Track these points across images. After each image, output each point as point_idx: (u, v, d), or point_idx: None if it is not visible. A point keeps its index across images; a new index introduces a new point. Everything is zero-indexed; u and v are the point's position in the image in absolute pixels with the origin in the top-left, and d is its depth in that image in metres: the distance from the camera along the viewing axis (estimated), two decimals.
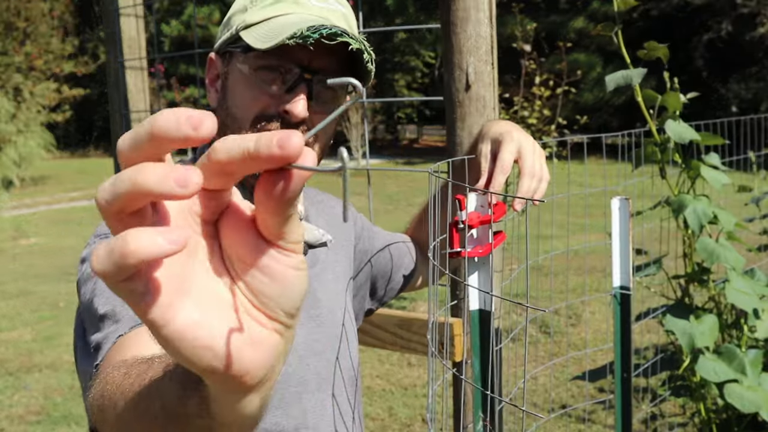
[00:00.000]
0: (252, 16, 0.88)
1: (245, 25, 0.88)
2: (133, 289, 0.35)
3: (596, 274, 5.59)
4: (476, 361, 0.92)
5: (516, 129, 1.00)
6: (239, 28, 0.88)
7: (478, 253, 0.89)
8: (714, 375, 1.48)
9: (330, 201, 1.16)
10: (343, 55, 0.86)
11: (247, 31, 0.87)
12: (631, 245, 1.03)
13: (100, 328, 0.77)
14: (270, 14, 0.88)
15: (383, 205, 9.80)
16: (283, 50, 0.84)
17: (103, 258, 0.34)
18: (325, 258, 1.03)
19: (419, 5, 16.47)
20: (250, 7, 0.89)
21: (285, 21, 0.86)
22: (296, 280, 0.41)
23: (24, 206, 12.23)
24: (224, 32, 0.93)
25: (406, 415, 3.52)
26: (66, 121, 18.57)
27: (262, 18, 0.88)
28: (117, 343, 0.72)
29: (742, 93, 14.36)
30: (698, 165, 1.62)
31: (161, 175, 0.34)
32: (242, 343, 0.39)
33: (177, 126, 0.34)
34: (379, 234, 1.21)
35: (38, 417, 3.72)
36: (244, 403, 0.42)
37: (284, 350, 0.43)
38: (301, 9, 0.89)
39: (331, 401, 0.98)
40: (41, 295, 6.10)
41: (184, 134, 0.34)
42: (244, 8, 0.90)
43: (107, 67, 2.09)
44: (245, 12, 0.89)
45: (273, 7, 0.89)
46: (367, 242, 1.16)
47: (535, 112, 5.35)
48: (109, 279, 0.35)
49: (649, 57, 1.59)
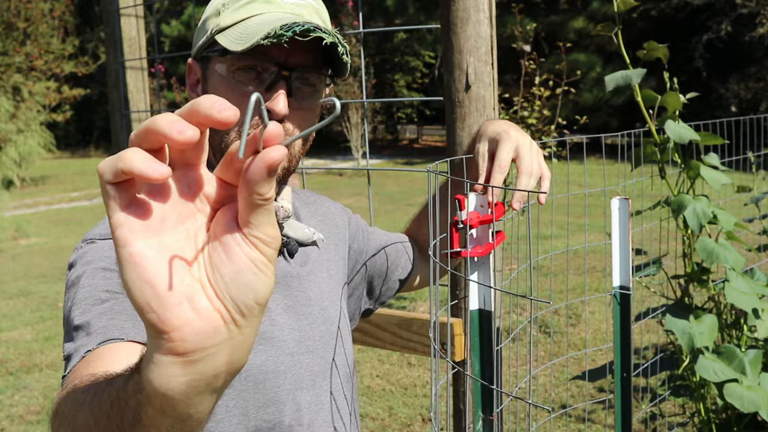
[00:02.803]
0: (225, 20, 0.89)
1: (219, 29, 0.89)
2: (118, 196, 0.42)
3: (596, 274, 5.60)
4: (476, 361, 0.92)
5: (513, 128, 1.00)
6: (214, 32, 0.89)
7: (479, 252, 0.90)
8: (714, 375, 1.48)
9: (325, 202, 1.16)
10: (319, 49, 0.88)
11: (222, 34, 0.89)
12: (631, 245, 1.03)
13: (74, 338, 0.77)
14: (243, 16, 0.89)
15: (383, 205, 9.80)
16: (259, 50, 0.85)
17: (106, 161, 0.43)
18: (317, 257, 1.04)
19: (419, 5, 16.47)
20: (222, 11, 0.90)
21: (259, 21, 0.87)
22: (251, 273, 0.44)
23: (24, 206, 12.23)
24: (200, 37, 0.94)
25: (406, 415, 3.53)
26: (66, 121, 18.57)
27: (235, 20, 0.89)
28: (85, 358, 0.72)
29: (741, 93, 14.36)
30: (698, 165, 1.62)
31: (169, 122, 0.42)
32: (182, 299, 0.43)
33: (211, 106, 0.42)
34: (376, 234, 1.21)
35: (38, 417, 3.72)
36: (171, 374, 0.43)
37: (226, 343, 0.44)
38: (273, 8, 0.90)
39: (328, 398, 0.98)
40: (41, 295, 6.10)
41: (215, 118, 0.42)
42: (217, 12, 0.91)
43: (107, 67, 2.09)
44: (218, 16, 0.90)
45: (245, 9, 0.90)
46: (362, 242, 1.16)
47: (534, 112, 5.35)
48: (101, 177, 0.42)
49: (649, 57, 1.59)
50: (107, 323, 0.76)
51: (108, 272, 0.82)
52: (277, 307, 0.94)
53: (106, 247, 0.85)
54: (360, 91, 13.29)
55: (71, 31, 18.12)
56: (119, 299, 0.80)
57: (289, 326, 0.94)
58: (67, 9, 17.57)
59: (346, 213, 1.18)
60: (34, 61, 15.88)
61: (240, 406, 0.88)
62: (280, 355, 0.91)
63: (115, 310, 0.78)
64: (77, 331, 0.77)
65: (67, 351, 0.77)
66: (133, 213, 0.43)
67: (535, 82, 5.39)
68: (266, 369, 0.89)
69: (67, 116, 17.63)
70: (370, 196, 1.59)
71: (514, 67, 6.77)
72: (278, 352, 0.91)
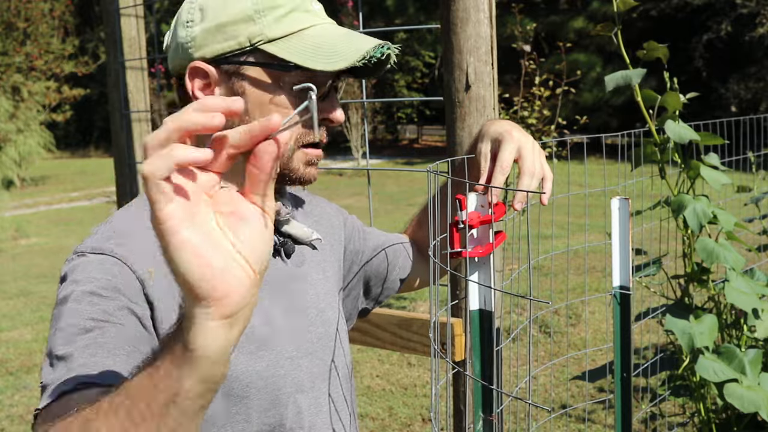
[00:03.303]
0: (271, 30, 0.86)
1: (267, 39, 0.86)
2: (165, 190, 0.49)
3: (596, 274, 5.60)
4: (476, 361, 0.92)
5: (516, 128, 1.00)
6: (257, 41, 0.86)
7: (479, 253, 0.90)
8: (714, 375, 1.48)
9: (320, 203, 1.16)
10: None
11: (275, 45, 0.86)
12: (631, 245, 1.03)
13: (53, 367, 0.75)
14: (295, 27, 0.87)
15: (383, 205, 9.80)
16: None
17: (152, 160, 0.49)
18: (313, 258, 1.03)
19: (419, 5, 16.47)
20: (258, 18, 0.86)
21: (321, 35, 0.87)
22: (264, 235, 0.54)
23: (24, 206, 12.23)
24: (217, 39, 0.87)
25: (406, 415, 3.53)
26: (66, 121, 18.57)
27: (286, 32, 0.86)
28: (62, 402, 0.70)
29: (741, 93, 14.36)
30: (698, 165, 1.62)
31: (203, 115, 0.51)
32: (227, 267, 0.51)
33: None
34: (373, 234, 1.20)
35: None
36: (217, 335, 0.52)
37: (252, 301, 0.54)
38: (314, 17, 0.89)
39: (327, 399, 0.98)
40: (41, 295, 6.10)
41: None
42: (248, 18, 0.86)
43: (107, 67, 2.09)
44: (254, 23, 0.86)
45: (291, 18, 0.87)
46: (358, 243, 1.16)
47: (534, 112, 5.35)
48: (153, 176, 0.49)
49: (649, 57, 1.59)
50: (88, 360, 0.74)
51: (95, 297, 0.79)
52: (276, 310, 0.93)
53: (96, 263, 0.82)
54: (360, 91, 13.29)
55: (71, 31, 18.13)
56: (104, 329, 0.77)
57: (287, 329, 0.93)
58: (67, 9, 17.57)
59: (341, 214, 1.18)
60: (34, 61, 15.89)
61: (243, 412, 0.87)
62: (280, 360, 0.91)
63: (99, 343, 0.76)
64: (59, 360, 0.75)
65: (45, 379, 0.75)
66: (178, 203, 0.50)
67: (535, 82, 5.39)
68: (267, 374, 0.89)
69: (67, 116, 17.64)
70: (370, 196, 1.59)
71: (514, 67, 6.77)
72: (278, 356, 0.91)
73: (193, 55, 0.89)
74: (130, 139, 2.06)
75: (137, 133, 2.07)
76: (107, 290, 0.79)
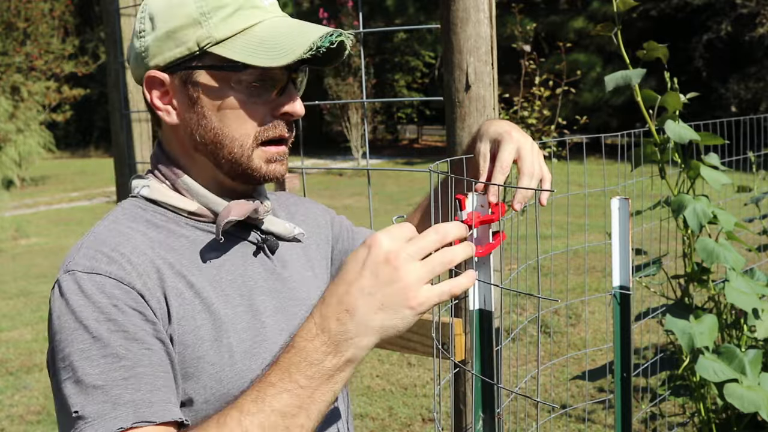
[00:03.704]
0: (218, 31, 0.85)
1: (215, 41, 0.85)
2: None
3: (596, 273, 5.60)
4: (477, 361, 0.92)
5: (515, 129, 1.00)
6: (205, 45, 0.85)
7: (479, 253, 0.89)
8: (714, 375, 1.48)
9: (305, 203, 1.15)
10: None
11: (222, 46, 0.85)
12: (631, 245, 1.04)
13: (89, 396, 0.74)
14: (242, 25, 0.86)
15: (383, 205, 9.80)
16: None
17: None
18: (300, 256, 1.02)
19: (419, 5, 16.47)
20: (204, 21, 0.85)
21: (269, 30, 0.86)
22: None
23: (24, 206, 12.24)
24: (167, 47, 0.87)
25: (406, 415, 3.53)
26: (66, 121, 18.57)
27: (234, 31, 0.85)
28: None
29: (741, 93, 14.36)
30: (698, 165, 1.62)
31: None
32: None
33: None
34: (362, 233, 1.20)
35: (38, 417, 3.72)
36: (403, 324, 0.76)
37: None
38: (264, 12, 0.88)
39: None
40: (42, 295, 6.10)
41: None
42: (195, 21, 0.85)
43: (107, 67, 2.09)
44: (200, 26, 0.85)
45: (237, 17, 0.86)
46: (347, 242, 1.16)
47: (534, 112, 5.35)
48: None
49: (649, 57, 1.59)
50: (134, 396, 0.75)
51: (111, 323, 0.78)
52: (266, 308, 0.93)
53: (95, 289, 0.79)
54: (360, 91, 13.29)
55: (71, 31, 18.13)
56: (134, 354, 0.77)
57: (279, 328, 0.93)
58: (67, 9, 17.57)
59: (328, 213, 1.17)
60: (34, 61, 15.89)
61: None
62: (273, 357, 0.91)
63: (138, 375, 0.76)
64: (95, 390, 0.74)
65: (80, 408, 0.74)
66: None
67: (535, 82, 5.39)
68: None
69: (67, 116, 17.64)
70: (370, 196, 1.59)
71: (514, 67, 6.77)
72: (272, 355, 0.90)
73: (148, 65, 0.89)
74: (130, 139, 2.06)
75: (137, 133, 2.07)
76: (119, 312, 0.78)
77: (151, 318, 0.80)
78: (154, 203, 0.92)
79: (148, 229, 0.89)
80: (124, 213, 0.91)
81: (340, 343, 0.73)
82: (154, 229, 0.89)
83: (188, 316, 0.84)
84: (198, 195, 0.91)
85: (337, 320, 0.73)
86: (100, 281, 0.80)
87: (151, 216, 0.91)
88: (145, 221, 0.90)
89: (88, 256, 0.83)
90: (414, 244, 0.73)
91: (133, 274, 0.81)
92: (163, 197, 0.91)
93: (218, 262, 0.90)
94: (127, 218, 0.90)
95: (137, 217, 0.90)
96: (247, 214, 0.90)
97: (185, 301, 0.84)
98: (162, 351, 0.80)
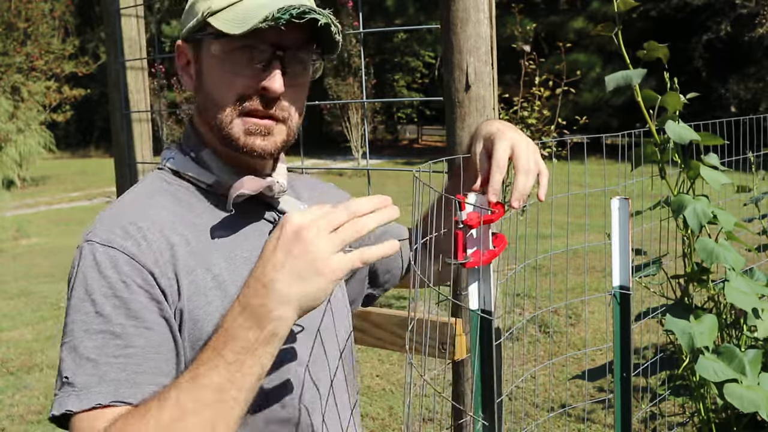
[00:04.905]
0: (217, 2, 0.91)
1: (211, 12, 0.90)
2: None
3: (596, 273, 5.60)
4: (476, 361, 0.92)
5: (508, 127, 1.00)
6: (206, 15, 0.91)
7: (483, 261, 0.90)
8: (713, 375, 1.48)
9: (331, 189, 1.18)
10: (310, 28, 0.91)
11: (215, 17, 0.90)
12: (631, 245, 1.03)
13: (79, 366, 0.81)
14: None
15: None
16: (254, 31, 0.87)
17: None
18: None
19: (419, 5, 16.47)
20: None
21: (255, 4, 0.89)
22: None
23: (25, 206, 12.24)
24: (189, 19, 0.95)
25: None
26: (66, 121, 18.57)
27: (228, 2, 0.90)
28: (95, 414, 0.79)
29: (741, 93, 14.36)
30: (698, 165, 1.62)
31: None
32: None
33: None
34: None
35: (39, 416, 3.72)
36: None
37: None
38: None
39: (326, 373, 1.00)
40: (42, 295, 6.10)
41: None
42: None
43: (108, 67, 2.09)
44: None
45: None
46: None
47: (534, 112, 5.35)
48: None
49: (649, 57, 1.59)
50: (119, 375, 0.81)
51: (117, 299, 0.83)
52: None
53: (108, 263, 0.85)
54: (360, 91, 13.28)
55: (71, 31, 18.14)
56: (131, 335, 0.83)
57: None
58: (68, 9, 17.59)
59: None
60: (35, 61, 15.89)
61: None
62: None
63: (128, 354, 0.82)
64: (87, 362, 0.81)
65: (70, 375, 0.81)
66: None
67: (535, 82, 5.39)
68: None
69: (67, 116, 17.65)
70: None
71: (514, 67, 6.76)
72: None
73: (180, 37, 0.98)
74: (131, 139, 2.06)
75: (137, 133, 2.07)
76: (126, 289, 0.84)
77: (158, 297, 0.85)
78: (177, 175, 0.97)
79: (170, 202, 0.94)
80: (151, 184, 0.97)
81: (261, 317, 0.76)
82: (176, 203, 0.94)
83: (199, 293, 0.88)
84: (215, 168, 0.96)
85: (256, 296, 0.77)
86: (114, 255, 0.85)
87: (175, 189, 0.96)
88: (169, 194, 0.95)
89: (108, 228, 0.88)
90: (323, 218, 0.77)
91: (146, 252, 0.86)
92: (185, 169, 0.97)
93: (235, 238, 0.94)
94: (152, 191, 0.96)
95: (161, 190, 0.96)
96: (260, 189, 0.93)
97: (197, 277, 0.89)
98: (163, 331, 0.85)
